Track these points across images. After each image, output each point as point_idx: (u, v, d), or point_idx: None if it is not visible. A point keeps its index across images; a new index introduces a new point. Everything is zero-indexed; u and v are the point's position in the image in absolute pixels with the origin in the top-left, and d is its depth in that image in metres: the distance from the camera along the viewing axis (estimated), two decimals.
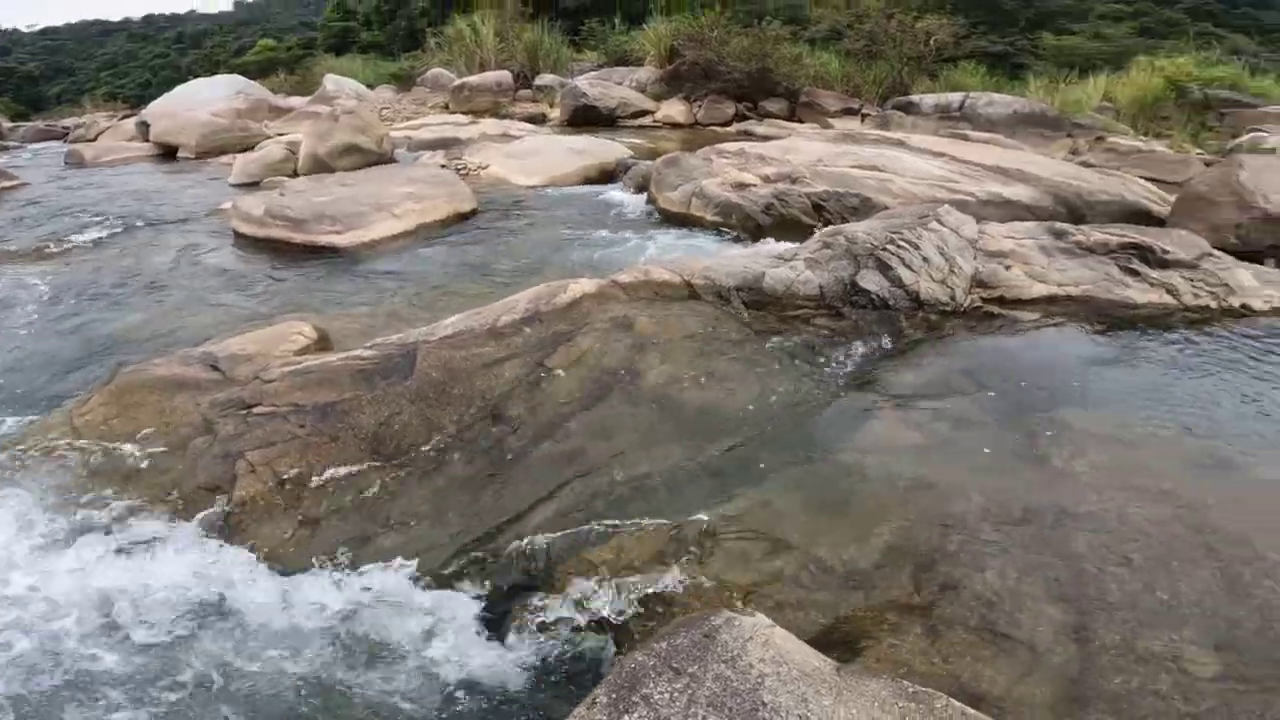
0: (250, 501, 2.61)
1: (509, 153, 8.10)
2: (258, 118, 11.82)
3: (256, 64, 23.05)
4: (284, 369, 3.27)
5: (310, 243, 5.29)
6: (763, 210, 5.17)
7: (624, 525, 2.34)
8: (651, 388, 3.04)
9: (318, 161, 7.79)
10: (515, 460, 2.72)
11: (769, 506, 2.36)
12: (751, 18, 12.34)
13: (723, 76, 10.56)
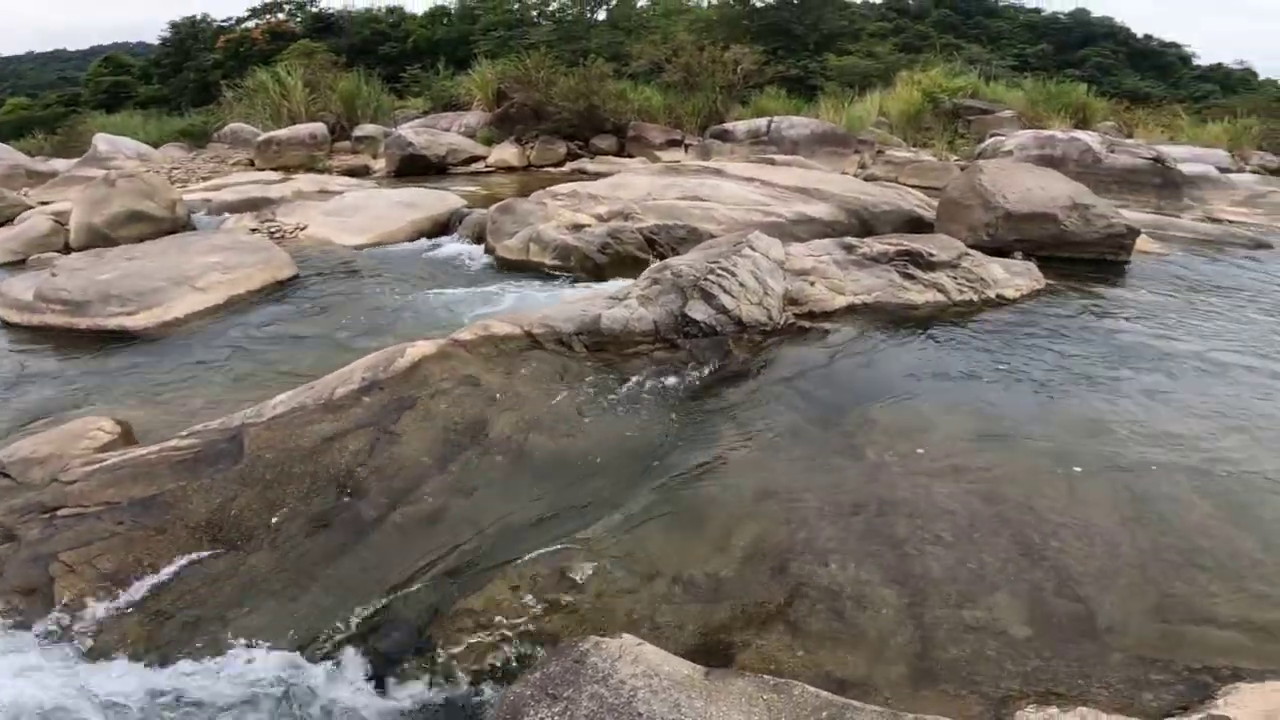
0: (75, 602, 2.52)
1: (329, 210, 8.05)
2: (14, 185, 10.86)
3: (9, 124, 21.06)
4: (86, 468, 3.15)
5: (96, 327, 5.00)
6: (599, 250, 5.60)
7: (492, 572, 2.53)
8: (503, 440, 3.26)
9: (94, 233, 7.34)
10: (372, 527, 2.82)
11: (632, 534, 2.64)
12: (576, 56, 13.17)
13: (552, 116, 11.17)
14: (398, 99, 17.01)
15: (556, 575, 2.48)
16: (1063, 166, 8.15)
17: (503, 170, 10.74)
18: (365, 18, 24.77)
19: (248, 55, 21.86)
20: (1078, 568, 2.46)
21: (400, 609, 2.45)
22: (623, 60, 13.93)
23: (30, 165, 12.47)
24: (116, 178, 8.04)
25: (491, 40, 17.21)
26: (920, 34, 19.94)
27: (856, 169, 9.65)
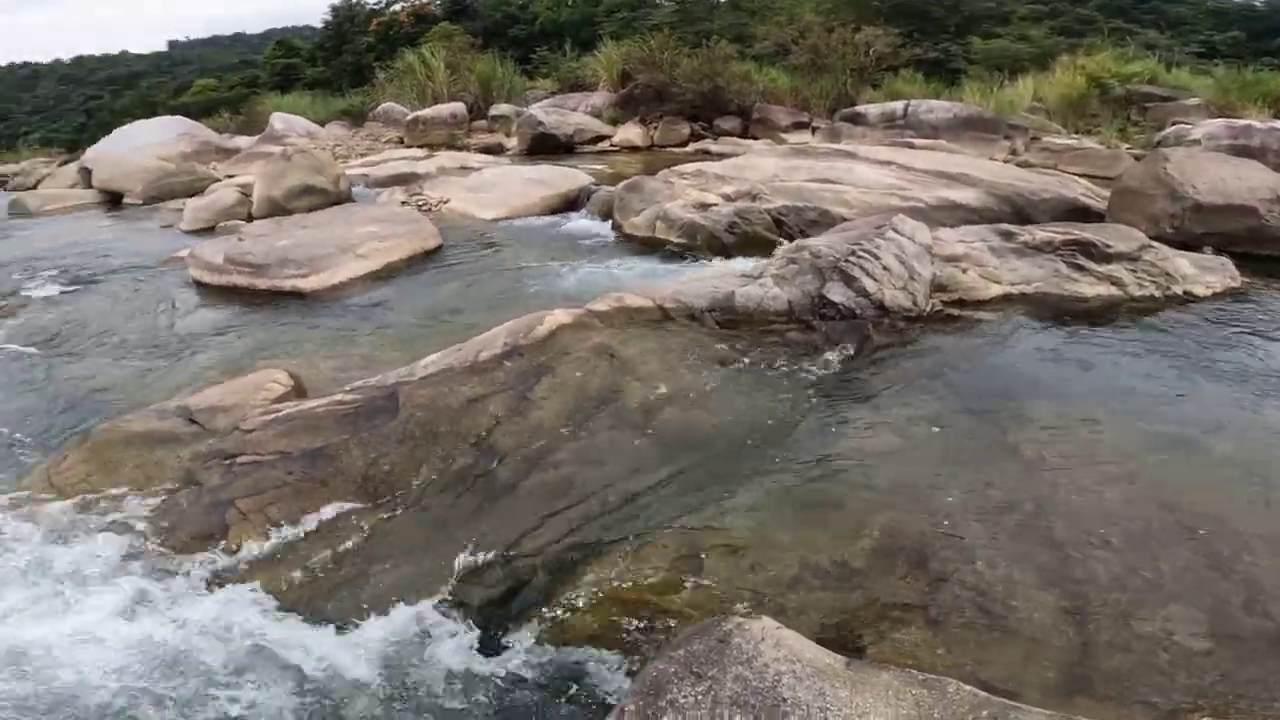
0: (244, 549, 2.64)
1: (469, 186, 8.17)
2: (205, 160, 11.68)
3: (198, 104, 22.63)
4: (264, 418, 3.30)
5: (275, 288, 5.29)
6: (726, 229, 5.36)
7: (620, 543, 2.44)
8: (634, 411, 3.16)
9: (273, 204, 7.76)
10: (507, 491, 2.80)
11: (759, 515, 2.48)
12: (698, 38, 12.69)
13: (676, 97, 10.82)
14: (528, 80, 17.13)
15: (681, 551, 2.36)
16: (1261, 158, 7.06)
17: (627, 150, 10.57)
18: (497, 1, 24.99)
19: (396, 38, 22.53)
20: (1274, 583, 2.10)
21: (528, 573, 2.41)
22: (746, 42, 13.29)
23: (218, 142, 13.38)
24: (292, 154, 8.48)
25: (615, 22, 16.94)
26: (1082, 18, 17.85)
27: (1007, 155, 8.78)
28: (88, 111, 35.90)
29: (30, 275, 6.03)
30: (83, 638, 2.28)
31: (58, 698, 2.10)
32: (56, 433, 3.59)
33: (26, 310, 5.34)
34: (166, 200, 9.02)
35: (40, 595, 2.45)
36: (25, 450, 3.44)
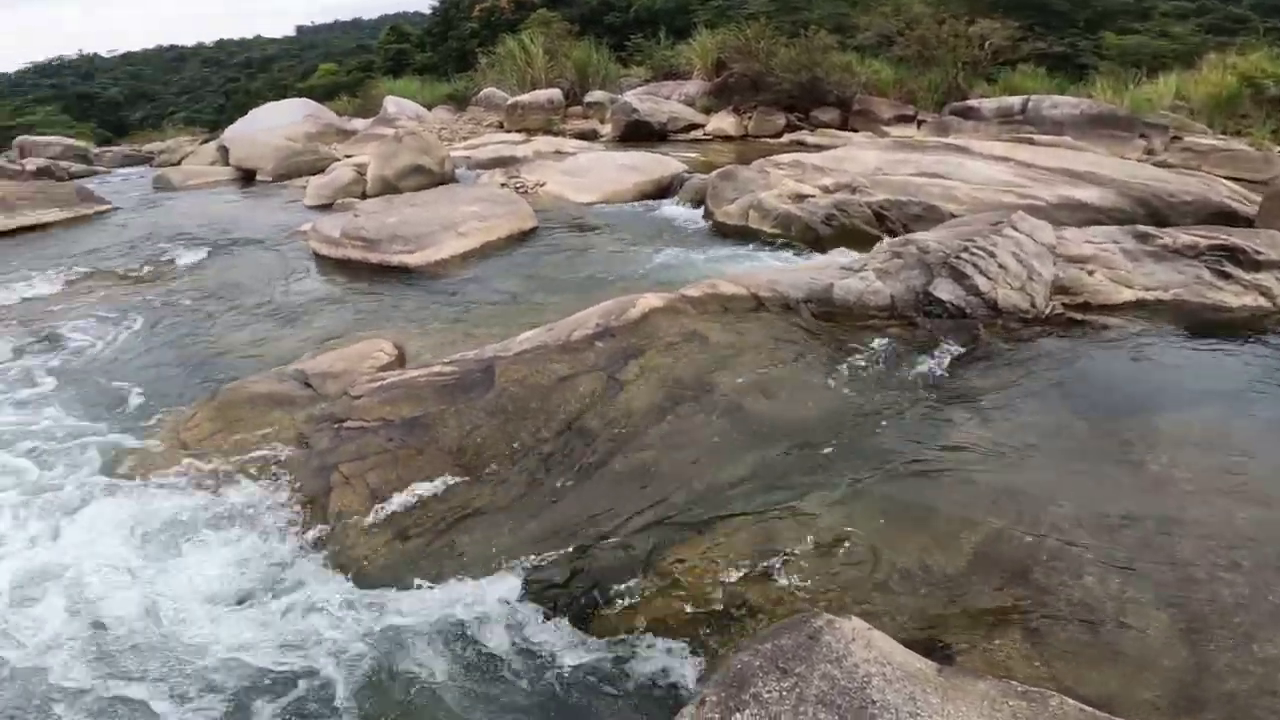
0: (345, 513, 2.72)
1: (564, 170, 8.21)
2: (326, 141, 12.23)
3: (321, 87, 23.65)
4: (370, 385, 3.39)
5: (384, 262, 5.47)
6: (822, 220, 5.13)
7: (701, 532, 2.37)
8: (724, 399, 3.06)
9: (385, 183, 8.03)
10: (593, 471, 2.77)
11: (848, 514, 2.35)
12: (797, 28, 12.21)
13: (772, 87, 10.44)
14: (623, 67, 17.03)
15: (765, 544, 2.27)
16: None
17: (720, 139, 10.32)
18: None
19: (497, 24, 22.79)
20: None
21: (608, 555, 2.37)
22: (847, 32, 12.66)
23: (338, 124, 13.98)
24: (403, 136, 8.75)
25: (710, 10, 16.50)
26: (1235, 16, 16.11)
27: (1142, 155, 8.01)
28: (226, 93, 38.24)
29: (177, 243, 6.49)
30: (192, 590, 2.41)
31: (159, 644, 2.23)
32: (190, 388, 3.82)
33: (174, 274, 5.76)
34: (293, 178, 9.50)
35: (155, 546, 2.60)
36: (161, 402, 3.69)
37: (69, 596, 2.40)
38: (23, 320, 4.90)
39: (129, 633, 2.26)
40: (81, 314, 4.94)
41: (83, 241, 6.88)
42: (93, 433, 3.38)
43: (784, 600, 2.07)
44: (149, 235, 6.86)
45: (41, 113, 24.06)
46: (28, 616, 2.34)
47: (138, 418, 3.54)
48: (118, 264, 6.00)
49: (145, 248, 6.44)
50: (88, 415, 3.57)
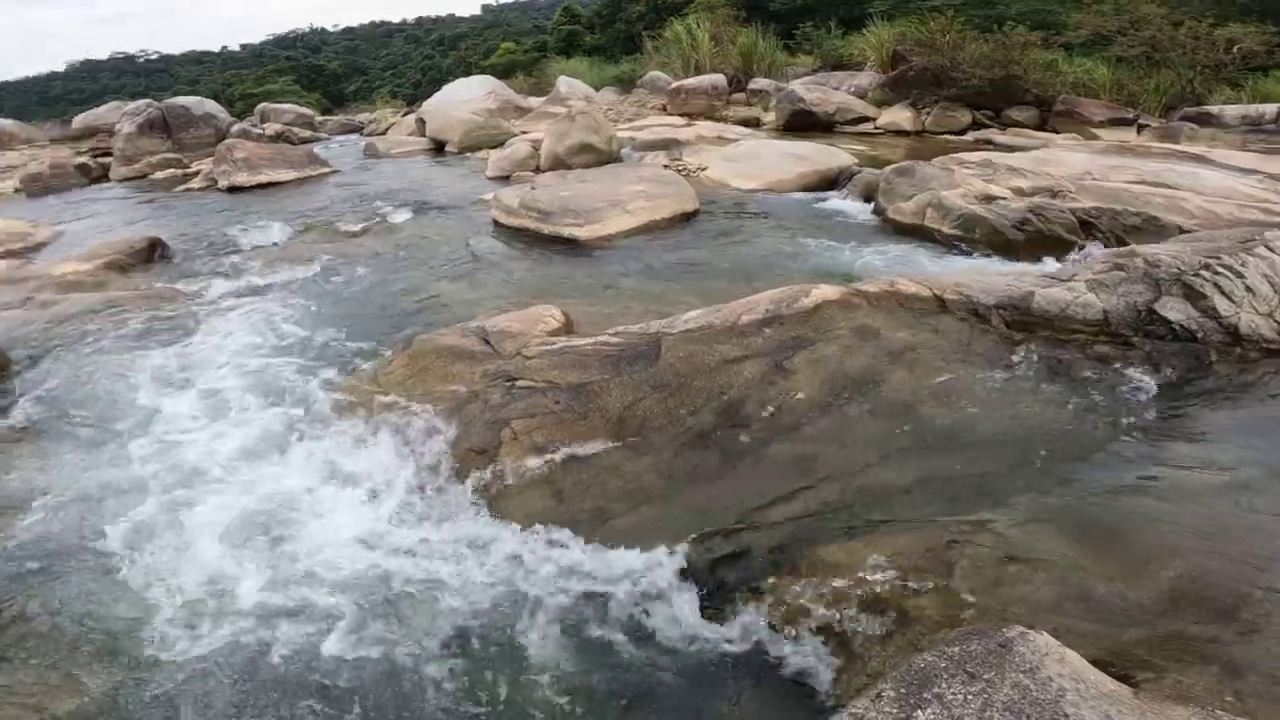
0: (511, 468, 2.78)
1: (726, 156, 8.00)
2: (505, 116, 12.79)
3: (501, 65, 24.74)
4: (541, 348, 3.46)
5: (555, 233, 5.60)
6: (1015, 224, 4.56)
7: (855, 530, 2.20)
8: (894, 399, 2.82)
9: (557, 159, 8.24)
10: (749, 455, 2.65)
11: (1023, 531, 2.09)
12: (990, 23, 11.02)
13: (958, 83, 9.49)
14: (789, 55, 16.36)
15: (927, 551, 2.05)
16: None
17: (892, 133, 9.58)
18: None
19: (664, 7, 22.58)
20: None
21: (755, 542, 2.26)
22: (1053, 29, 11.23)
23: (517, 101, 14.57)
24: (575, 114, 8.93)
25: (888, 1, 15.36)
26: None
27: None
28: (423, 69, 41.20)
29: (382, 204, 7.06)
30: (374, 516, 2.58)
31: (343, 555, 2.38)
32: (388, 333, 4.12)
33: (379, 230, 6.28)
34: (476, 150, 10.04)
35: (346, 476, 2.81)
36: (365, 345, 4.00)
37: (282, 511, 2.65)
38: (259, 264, 5.54)
39: (319, 546, 2.46)
40: (305, 260, 5.50)
41: (309, 198, 7.68)
42: (309, 367, 3.74)
43: (942, 610, 1.88)
44: (360, 196, 7.52)
45: (280, 82, 27.19)
46: (258, 523, 2.61)
47: (346, 357, 3.86)
48: (335, 220, 6.63)
49: (357, 206, 7.07)
50: (307, 351, 3.96)
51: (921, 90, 9.96)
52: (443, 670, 2.04)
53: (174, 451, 3.08)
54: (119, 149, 11.16)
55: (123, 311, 4.53)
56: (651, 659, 2.00)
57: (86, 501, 2.81)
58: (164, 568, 2.46)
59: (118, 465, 3.00)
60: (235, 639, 2.16)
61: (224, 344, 4.05)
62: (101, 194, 9.37)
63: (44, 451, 3.13)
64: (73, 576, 2.46)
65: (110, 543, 2.58)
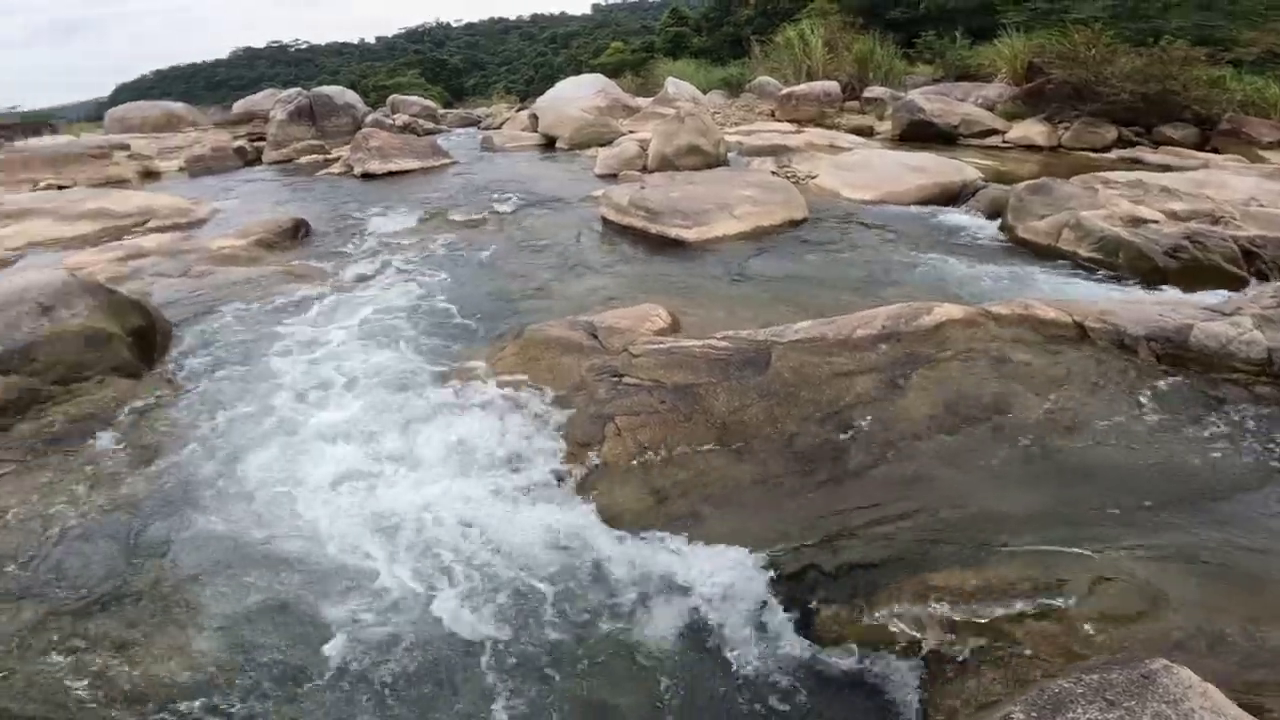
0: (613, 463, 2.81)
1: (838, 164, 7.77)
2: (614, 115, 12.99)
3: (610, 65, 25.13)
4: (648, 346, 3.48)
5: (662, 234, 5.62)
6: (1166, 251, 4.16)
7: (966, 556, 2.09)
8: (1020, 426, 2.66)
9: (664, 159, 8.28)
10: (856, 471, 2.57)
11: (1150, 568, 1.93)
12: (1144, 37, 10.12)
13: (1104, 98, 8.78)
14: (908, 64, 15.70)
15: (1044, 582, 1.92)
16: None
17: (1023, 148, 8.98)
18: None
19: (773, 12, 22.18)
20: None
21: (856, 558, 2.18)
22: (1220, 45, 10.16)
23: (625, 100, 14.75)
24: (684, 116, 8.95)
25: (1024, 12, 14.37)
26: None
27: None
28: (535, 65, 42.50)
29: (492, 197, 7.36)
30: (483, 494, 2.68)
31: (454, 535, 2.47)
32: (500, 321, 4.28)
33: (494, 222, 6.54)
34: (585, 147, 10.26)
35: (460, 457, 2.91)
36: (479, 330, 4.18)
37: (400, 482, 2.81)
38: (387, 247, 5.90)
39: (432, 521, 2.58)
40: (427, 246, 5.82)
41: (431, 188, 8.11)
42: (429, 347, 3.95)
43: (1054, 641, 1.77)
44: (477, 187, 7.86)
45: (408, 75, 28.86)
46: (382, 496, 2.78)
47: (461, 339, 4.05)
48: (454, 209, 6.96)
49: (474, 197, 7.40)
50: (427, 330, 4.18)
51: (1060, 104, 9.30)
52: (516, 652, 2.08)
53: (307, 413, 3.33)
54: (271, 134, 12.20)
55: (270, 285, 4.95)
56: (738, 669, 1.98)
57: (228, 451, 3.08)
58: (279, 500, 2.71)
59: (258, 423, 3.27)
60: (343, 585, 2.30)
61: (354, 320, 4.34)
62: (254, 175, 10.28)
63: (196, 407, 3.47)
64: (212, 515, 2.70)
65: (243, 486, 2.84)
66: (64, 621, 2.25)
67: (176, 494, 2.85)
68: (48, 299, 3.88)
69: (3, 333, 3.64)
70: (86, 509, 2.78)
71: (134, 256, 5.80)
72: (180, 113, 16.49)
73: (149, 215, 7.47)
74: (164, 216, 7.43)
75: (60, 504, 2.82)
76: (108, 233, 6.97)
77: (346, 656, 2.09)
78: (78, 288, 3.99)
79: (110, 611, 2.30)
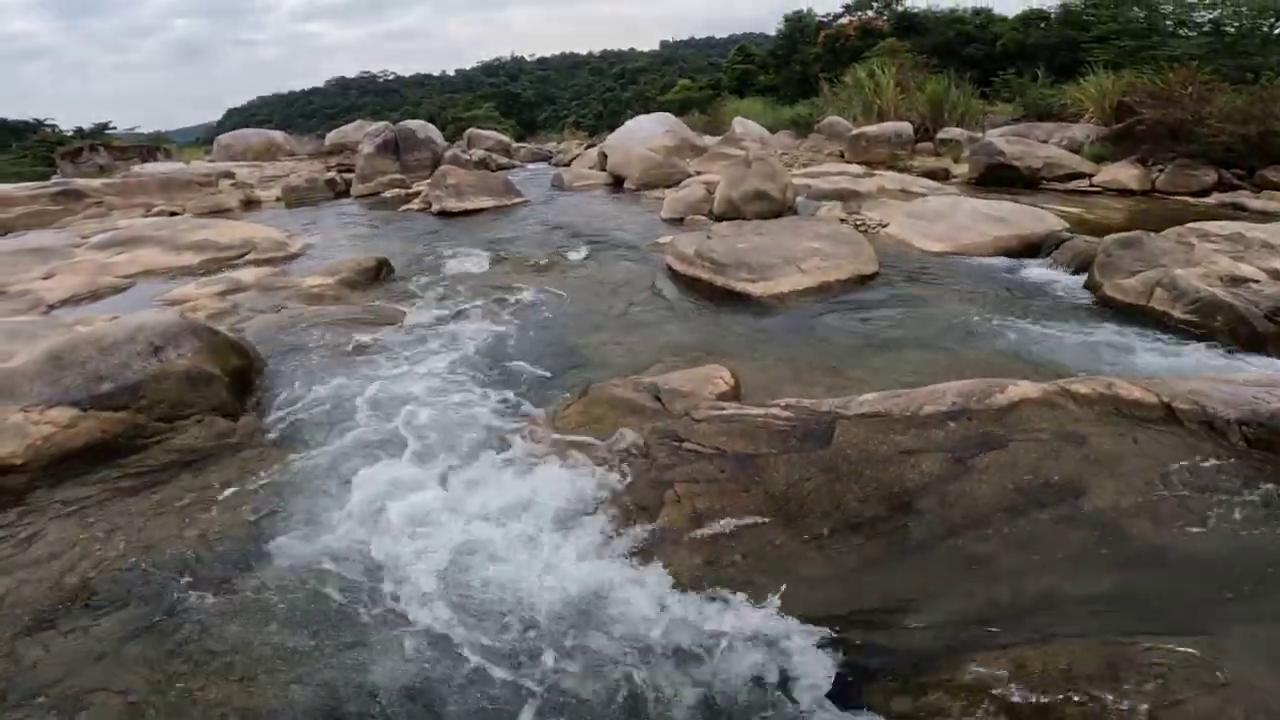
0: (669, 529, 2.82)
1: (910, 212, 7.62)
2: (681, 155, 13.20)
3: (676, 102, 25.52)
4: (710, 412, 3.48)
5: (727, 287, 5.64)
6: (1267, 314, 3.87)
7: (1029, 639, 2.02)
8: (1094, 510, 2.53)
9: (730, 204, 8.33)
10: (918, 551, 2.51)
11: (1221, 659, 1.82)
12: (1243, 74, 9.58)
13: (1203, 139, 8.33)
14: (985, 103, 15.31)
15: (1110, 671, 1.84)
16: None
17: (1113, 192, 8.57)
18: (949, 18, 22.46)
19: (841, 50, 22.07)
20: None
21: (909, 636, 2.15)
22: None
23: (692, 139, 14.97)
24: (752, 160, 9.00)
25: (1112, 49, 13.81)
26: None
27: None
28: (604, 100, 43.64)
29: (566, 239, 7.59)
30: (547, 555, 2.73)
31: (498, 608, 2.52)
32: (563, 375, 4.38)
33: (561, 267, 6.75)
34: (652, 188, 10.46)
35: (523, 515, 2.97)
36: (542, 384, 4.29)
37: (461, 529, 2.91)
38: (462, 290, 6.16)
39: (497, 578, 2.65)
40: (497, 292, 6.04)
41: (504, 228, 8.45)
42: (496, 398, 4.09)
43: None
44: (547, 229, 8.15)
45: (484, 109, 30.23)
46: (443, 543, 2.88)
47: (527, 391, 4.17)
48: (525, 252, 7.22)
49: (545, 240, 7.66)
50: (494, 381, 4.34)
51: (1153, 145, 8.86)
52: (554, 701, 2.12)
53: (376, 453, 3.51)
54: (359, 168, 13.04)
55: (353, 326, 5.25)
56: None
57: (312, 489, 3.27)
58: (355, 537, 2.86)
59: (341, 466, 3.46)
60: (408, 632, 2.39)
61: (428, 366, 4.54)
62: (342, 208, 10.97)
63: (287, 450, 3.70)
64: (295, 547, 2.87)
65: (324, 523, 3.02)
66: (148, 642, 2.43)
67: (266, 528, 3.04)
68: (159, 339, 4.20)
69: (115, 371, 3.95)
70: (183, 538, 3.00)
71: (233, 291, 6.28)
72: (279, 141, 17.82)
73: (249, 248, 8.09)
74: (262, 250, 8.02)
75: (159, 533, 3.04)
76: (211, 264, 7.58)
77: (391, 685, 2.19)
78: (186, 329, 4.31)
79: (187, 635, 2.47)
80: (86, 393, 3.81)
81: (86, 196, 11.19)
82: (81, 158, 16.18)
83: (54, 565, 2.84)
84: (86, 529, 3.06)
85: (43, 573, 2.80)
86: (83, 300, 6.44)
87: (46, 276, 7.03)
